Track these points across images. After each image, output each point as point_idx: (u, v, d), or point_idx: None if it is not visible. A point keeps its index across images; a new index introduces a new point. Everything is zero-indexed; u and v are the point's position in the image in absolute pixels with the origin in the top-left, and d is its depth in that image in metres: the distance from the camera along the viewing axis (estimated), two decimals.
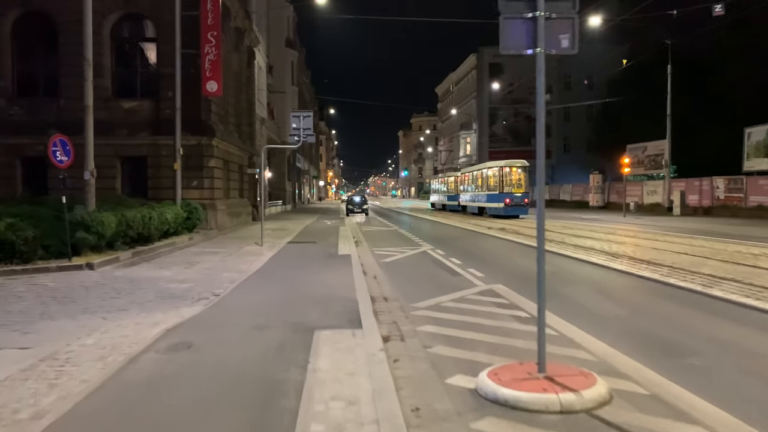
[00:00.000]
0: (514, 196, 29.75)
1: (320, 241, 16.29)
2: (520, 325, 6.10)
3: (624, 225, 22.88)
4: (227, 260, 11.44)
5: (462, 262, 11.31)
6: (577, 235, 17.46)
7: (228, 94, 21.93)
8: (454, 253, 12.88)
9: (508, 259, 12.22)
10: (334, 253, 12.96)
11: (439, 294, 7.82)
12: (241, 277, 9.26)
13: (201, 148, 18.75)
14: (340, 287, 8.25)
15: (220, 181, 19.88)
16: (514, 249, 14.25)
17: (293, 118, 14.25)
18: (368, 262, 11.39)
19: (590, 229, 20.29)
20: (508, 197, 29.67)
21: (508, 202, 29.56)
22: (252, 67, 27.76)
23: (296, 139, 14.21)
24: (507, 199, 29.64)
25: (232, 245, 14.71)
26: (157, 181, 18.56)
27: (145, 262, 10.99)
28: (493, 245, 15.34)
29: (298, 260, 11.63)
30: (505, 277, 9.39)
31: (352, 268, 10.38)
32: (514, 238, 16.57)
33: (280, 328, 5.72)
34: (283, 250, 13.56)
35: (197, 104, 18.72)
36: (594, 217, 29.59)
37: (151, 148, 18.52)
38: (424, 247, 14.52)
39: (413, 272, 10.30)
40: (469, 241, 16.93)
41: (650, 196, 37.52)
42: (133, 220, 12.00)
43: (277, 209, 39.19)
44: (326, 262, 11.22)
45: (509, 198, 29.66)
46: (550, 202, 50.94)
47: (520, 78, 65.33)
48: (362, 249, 14.15)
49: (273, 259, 11.71)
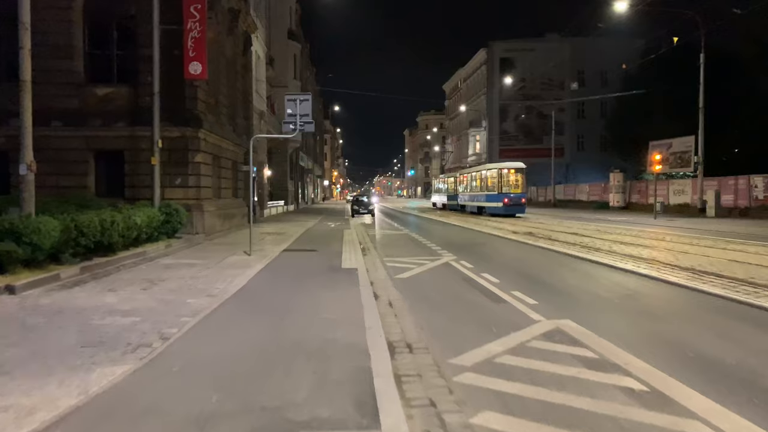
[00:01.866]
0: (512, 196, 31.08)
1: (322, 248, 13.91)
2: (636, 407, 3.69)
3: (660, 228, 20.36)
4: (201, 276, 9.07)
5: (499, 280, 8.89)
6: (621, 241, 14.99)
7: (219, 82, 19.58)
8: (483, 266, 10.46)
9: (554, 275, 9.79)
10: (337, 265, 10.57)
11: (486, 337, 5.42)
12: (210, 304, 6.89)
13: (186, 141, 16.40)
14: (345, 323, 5.87)
15: (208, 178, 17.52)
16: (553, 260, 11.81)
17: (288, 103, 11.84)
18: (379, 279, 9.00)
19: (629, 233, 17.80)
20: (506, 197, 30.98)
21: (506, 202, 30.89)
22: (248, 55, 25.40)
23: (291, 128, 11.81)
24: (505, 199, 30.97)
25: (216, 254, 12.34)
26: (135, 179, 16.23)
27: (93, 280, 8.61)
28: (527, 255, 12.90)
29: (292, 277, 9.23)
30: (566, 305, 6.97)
31: (360, 288, 7.99)
32: (547, 245, 14.12)
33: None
34: (275, 262, 11.17)
35: (181, 91, 16.37)
36: (621, 219, 27.10)
37: (128, 141, 16.19)
38: (444, 257, 12.10)
39: (440, 296, 7.89)
40: (496, 248, 14.50)
41: (677, 196, 34.95)
42: (87, 226, 9.64)
43: (278, 210, 36.85)
44: (327, 280, 8.83)
45: (507, 198, 30.98)
46: (566, 202, 48.45)
47: (532, 73, 62.91)
48: (371, 259, 11.76)
49: (260, 275, 9.33)
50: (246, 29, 24.44)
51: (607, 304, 7.16)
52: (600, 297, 7.64)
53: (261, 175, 30.24)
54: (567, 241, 15.03)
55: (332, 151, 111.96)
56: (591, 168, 57.47)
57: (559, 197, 49.67)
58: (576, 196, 48.56)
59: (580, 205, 45.30)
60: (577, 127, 63.22)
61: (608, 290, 8.10)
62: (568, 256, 12.02)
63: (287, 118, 11.85)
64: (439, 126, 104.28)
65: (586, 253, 12.24)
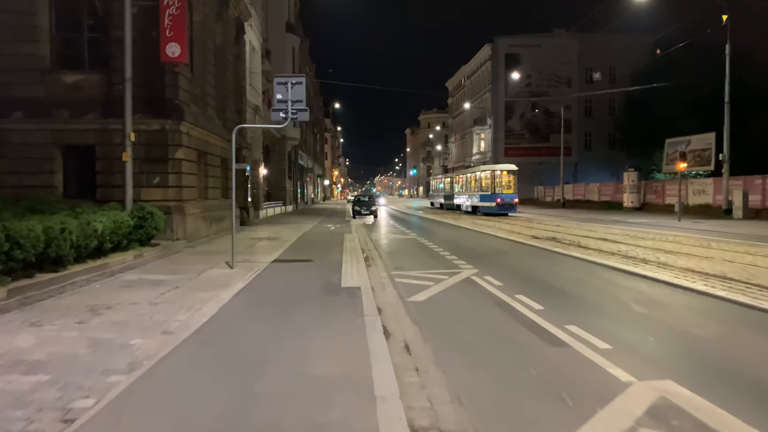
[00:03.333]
0: (504, 196, 32.57)
1: (319, 257, 11.99)
2: None
3: (694, 233, 18.40)
4: (163, 301, 7.14)
5: (542, 306, 6.95)
6: (662, 248, 13.04)
7: (206, 70, 17.65)
8: (514, 283, 8.54)
9: (609, 298, 7.86)
10: (335, 283, 8.64)
11: (562, 419, 3.50)
12: (160, 349, 4.97)
13: (165, 135, 14.47)
14: (344, 388, 3.95)
15: (192, 177, 15.59)
16: (596, 275, 9.87)
17: (278, 86, 9.90)
18: (389, 304, 7.08)
19: (664, 239, 15.84)
20: (499, 197, 32.52)
21: (499, 202, 32.44)
22: (241, 44, 23.48)
23: (282, 116, 9.87)
24: (498, 199, 32.50)
25: (193, 266, 10.42)
26: (108, 178, 14.30)
27: (19, 308, 6.67)
28: (562, 268, 10.95)
29: (277, 302, 7.31)
30: (653, 353, 5.03)
31: (365, 320, 6.08)
32: (581, 255, 12.16)
33: None
34: (261, 278, 9.24)
35: (160, 78, 14.45)
36: (641, 221, 25.15)
37: (101, 135, 14.26)
38: (463, 270, 10.17)
39: (472, 333, 5.95)
40: (520, 258, 12.55)
41: (697, 196, 32.96)
42: (26, 236, 7.71)
43: (275, 211, 34.92)
44: (322, 307, 6.90)
45: (500, 198, 32.50)
46: (575, 202, 46.44)
47: (539, 70, 60.86)
48: (376, 272, 9.84)
49: (237, 300, 7.40)
50: (238, 15, 22.52)
51: (712, 351, 5.23)
52: (694, 337, 5.70)
53: (256, 173, 28.34)
54: (601, 249, 13.09)
55: (333, 150, 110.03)
56: (599, 167, 55.66)
57: (568, 197, 47.72)
58: (586, 196, 46.55)
59: (591, 206, 43.31)
60: (584, 125, 61.29)
61: (696, 325, 6.17)
62: (614, 270, 10.06)
63: (277, 104, 9.92)
64: (442, 124, 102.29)
65: (634, 266, 10.29)
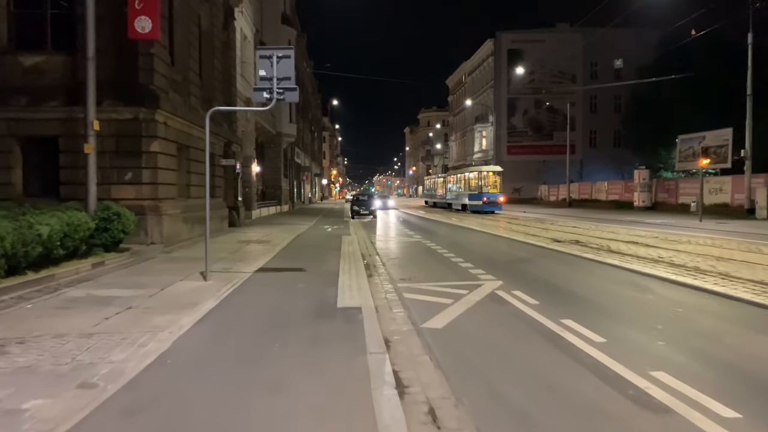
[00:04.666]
0: (489, 195, 34.97)
1: (312, 264, 10.27)
2: None
3: (725, 234, 16.71)
4: (101, 331, 5.41)
5: (605, 339, 5.23)
6: (707, 254, 11.34)
7: (188, 55, 15.90)
8: (554, 302, 6.83)
9: (697, 329, 6.16)
10: (330, 301, 6.90)
11: None
12: (59, 425, 3.25)
13: (138, 125, 12.72)
14: None
15: (170, 173, 13.84)
16: (656, 291, 8.14)
17: (261, 61, 8.13)
18: (400, 335, 5.36)
19: (700, 242, 14.15)
20: (485, 196, 34.86)
21: (485, 200, 34.73)
22: (231, 31, 21.73)
23: (266, 96, 8.12)
24: (485, 197, 34.81)
25: (161, 278, 8.68)
26: (73, 174, 12.54)
27: None
28: (608, 281, 9.21)
29: (251, 333, 5.57)
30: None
31: (368, 362, 4.36)
32: (621, 262, 10.43)
33: None
34: (237, 294, 7.51)
35: (132, 60, 12.71)
36: (660, 222, 23.48)
37: (65, 125, 12.51)
38: (484, 282, 8.46)
39: (523, 392, 4.22)
40: (549, 266, 10.81)
41: (713, 195, 31.24)
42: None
43: (269, 211, 33.17)
44: (310, 342, 5.16)
45: (486, 197, 34.84)
46: (581, 201, 44.77)
47: (542, 65, 59.12)
48: (380, 285, 8.13)
49: (201, 328, 5.66)
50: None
51: None
52: None
53: (248, 171, 26.61)
54: (638, 255, 11.38)
55: (331, 149, 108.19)
56: (604, 166, 54.05)
57: (573, 196, 46.04)
58: (593, 196, 44.85)
59: (599, 205, 41.64)
60: (589, 123, 59.60)
61: None
62: (671, 283, 8.32)
63: (260, 82, 8.18)
64: (442, 123, 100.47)
65: (693, 278, 8.56)
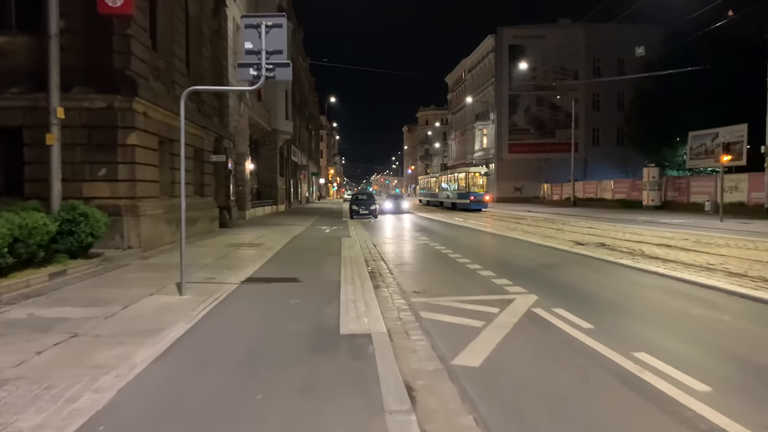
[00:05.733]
0: (476, 194, 36.73)
1: (308, 272, 8.88)
2: None
3: (754, 237, 15.37)
4: (19, 376, 4.00)
5: (710, 387, 3.87)
6: (756, 258, 10.00)
7: (173, 40, 14.48)
8: (614, 326, 5.47)
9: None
10: (331, 324, 5.50)
11: None
12: None
13: (114, 115, 11.31)
14: None
15: (151, 169, 12.41)
16: (726, 308, 6.80)
17: (246, 31, 6.73)
18: (425, 378, 3.98)
19: (735, 244, 12.81)
20: (472, 195, 36.66)
21: (472, 199, 36.42)
22: (222, 19, 20.31)
23: (252, 74, 6.72)
24: (472, 197, 36.54)
25: (128, 291, 7.27)
26: (39, 169, 11.06)
27: None
28: (663, 295, 7.85)
29: (226, 378, 4.16)
30: None
31: (387, 426, 2.98)
32: (669, 271, 9.06)
33: None
34: (216, 315, 6.10)
35: (106, 42, 11.29)
36: (679, 222, 22.14)
37: (29, 115, 11.08)
38: (515, 296, 7.07)
39: None
40: (584, 275, 9.42)
41: (728, 193, 29.87)
42: None
43: (265, 211, 31.77)
44: (304, 392, 3.76)
45: (473, 196, 36.55)
46: (587, 200, 43.45)
47: (544, 62, 57.71)
48: (390, 299, 6.74)
49: (160, 368, 4.25)
50: None
51: None
52: None
53: (242, 169, 25.20)
54: (680, 260, 10.01)
55: (329, 148, 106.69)
56: (607, 164, 52.77)
57: (578, 195, 44.72)
58: (598, 194, 43.51)
59: (605, 204, 40.32)
60: (592, 120, 58.34)
61: None
62: (747, 298, 6.98)
63: (245, 57, 6.78)
64: (441, 121, 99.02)
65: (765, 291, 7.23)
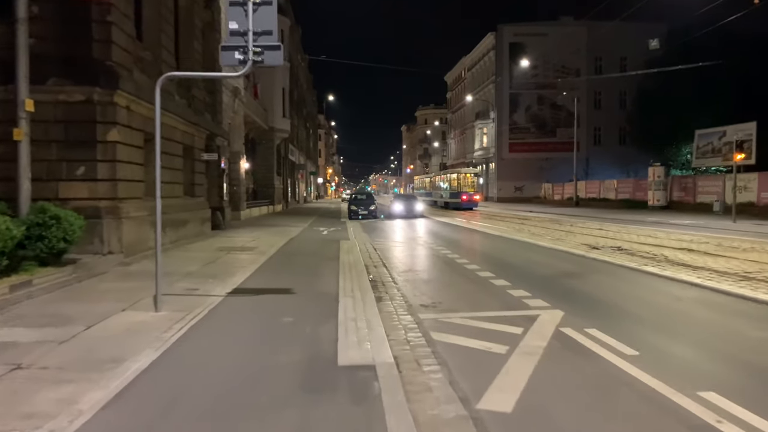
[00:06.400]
0: (468, 194, 38.28)
1: (304, 281, 7.99)
2: None
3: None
4: None
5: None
6: None
7: (160, 30, 13.57)
8: (657, 351, 4.61)
9: None
10: (328, 352, 4.61)
11: None
12: None
13: (93, 109, 10.40)
14: None
15: (134, 168, 11.50)
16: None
17: (231, 9, 5.87)
18: (443, 426, 3.11)
19: (761, 248, 11.96)
20: (464, 195, 38.16)
21: (464, 199, 37.83)
22: (215, 11, 19.40)
23: (238, 57, 5.84)
24: (463, 196, 37.95)
25: (96, 306, 6.37)
26: (8, 168, 10.17)
27: None
28: (704, 312, 6.97)
29: (199, 429, 3.29)
30: None
31: None
32: (707, 282, 8.22)
33: None
34: (193, 336, 5.20)
35: (85, 29, 10.38)
36: (691, 223, 21.34)
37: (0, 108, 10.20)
38: (538, 312, 6.19)
39: None
40: (610, 285, 8.52)
41: (738, 193, 29.05)
42: None
43: (261, 211, 30.89)
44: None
45: (465, 195, 38.04)
46: (589, 200, 42.62)
47: (545, 60, 56.85)
48: (395, 316, 5.87)
49: (112, 415, 3.37)
50: None
51: None
52: None
53: (236, 168, 24.33)
54: (712, 268, 9.14)
55: (327, 147, 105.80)
56: (609, 163, 51.94)
57: (580, 195, 43.90)
58: (601, 194, 42.67)
59: (609, 204, 39.49)
60: (593, 119, 57.50)
61: None
62: None
63: (230, 39, 5.90)
64: (440, 120, 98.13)
65: None
